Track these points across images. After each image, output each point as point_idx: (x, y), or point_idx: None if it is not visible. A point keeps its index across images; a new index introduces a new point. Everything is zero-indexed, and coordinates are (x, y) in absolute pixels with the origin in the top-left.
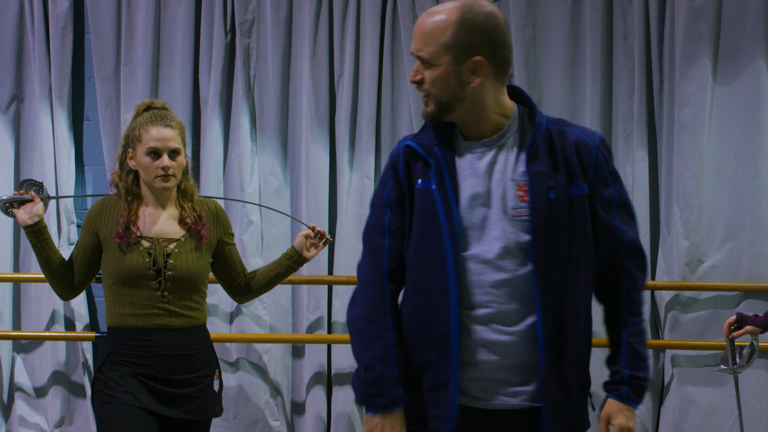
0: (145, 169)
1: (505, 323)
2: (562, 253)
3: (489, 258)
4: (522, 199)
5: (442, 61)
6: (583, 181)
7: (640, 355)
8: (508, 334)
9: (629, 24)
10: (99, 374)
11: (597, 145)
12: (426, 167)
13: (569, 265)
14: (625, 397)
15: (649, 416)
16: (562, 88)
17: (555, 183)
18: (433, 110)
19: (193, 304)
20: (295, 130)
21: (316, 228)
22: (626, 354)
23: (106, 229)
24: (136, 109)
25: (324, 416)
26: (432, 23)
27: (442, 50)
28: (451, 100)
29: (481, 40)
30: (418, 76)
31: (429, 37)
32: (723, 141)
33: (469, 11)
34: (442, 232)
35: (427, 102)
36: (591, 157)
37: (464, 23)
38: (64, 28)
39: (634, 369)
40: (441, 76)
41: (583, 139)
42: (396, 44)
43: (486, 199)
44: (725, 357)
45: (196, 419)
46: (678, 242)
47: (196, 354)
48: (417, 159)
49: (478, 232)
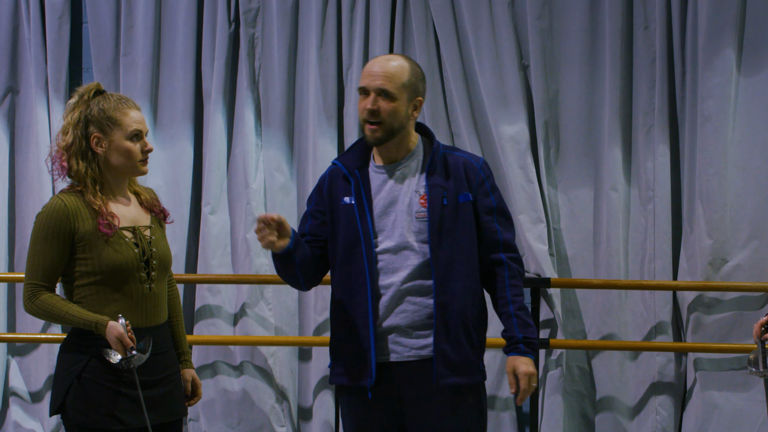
0: (125, 153)
1: (409, 295)
2: (451, 242)
3: (396, 249)
4: (423, 205)
5: (400, 97)
6: (468, 191)
7: (527, 323)
8: (412, 303)
9: (650, 13)
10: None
11: (480, 165)
12: (347, 185)
13: (455, 251)
14: (523, 352)
15: (671, 422)
16: (580, 80)
17: (447, 192)
18: (382, 135)
19: (165, 294)
20: (302, 124)
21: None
22: (517, 323)
23: (84, 227)
24: (84, 93)
25: (332, 422)
26: (395, 67)
27: (402, 88)
28: (398, 129)
29: (422, 86)
30: (376, 105)
31: (393, 76)
32: (748, 135)
33: (415, 63)
34: (360, 234)
35: (376, 129)
36: (476, 175)
37: (415, 71)
38: (60, 18)
39: (525, 332)
40: (397, 109)
41: (470, 161)
42: (407, 34)
43: (395, 206)
44: (755, 359)
45: (173, 420)
46: (701, 241)
47: (169, 350)
48: (339, 179)
49: (389, 232)
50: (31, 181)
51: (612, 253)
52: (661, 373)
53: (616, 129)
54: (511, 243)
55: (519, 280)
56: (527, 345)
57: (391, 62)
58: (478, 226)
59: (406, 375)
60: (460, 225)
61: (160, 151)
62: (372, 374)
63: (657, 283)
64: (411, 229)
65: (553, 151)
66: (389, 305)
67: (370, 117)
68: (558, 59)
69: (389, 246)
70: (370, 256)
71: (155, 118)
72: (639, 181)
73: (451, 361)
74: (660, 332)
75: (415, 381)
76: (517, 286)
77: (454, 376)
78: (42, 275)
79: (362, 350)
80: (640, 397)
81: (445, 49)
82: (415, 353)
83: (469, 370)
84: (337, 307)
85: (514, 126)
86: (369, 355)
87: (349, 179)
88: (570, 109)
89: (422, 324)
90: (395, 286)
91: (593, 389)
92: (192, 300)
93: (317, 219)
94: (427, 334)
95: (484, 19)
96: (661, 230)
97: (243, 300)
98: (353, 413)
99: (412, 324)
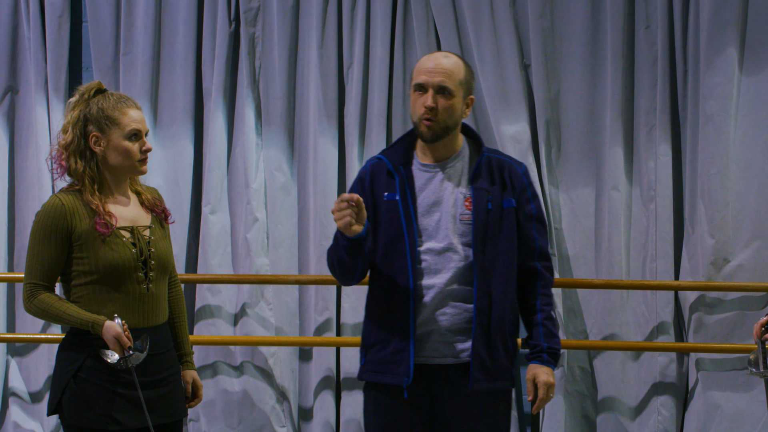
0: (124, 153)
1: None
2: (493, 247)
3: (440, 250)
4: (468, 208)
5: (457, 95)
6: (512, 197)
7: (553, 333)
8: (453, 306)
9: (652, 12)
10: (73, 383)
11: (523, 171)
12: (391, 180)
13: (498, 257)
14: (546, 361)
15: (673, 422)
16: (582, 79)
17: (492, 197)
18: (438, 132)
19: (165, 295)
20: (303, 123)
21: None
22: (543, 332)
23: (82, 225)
24: (84, 92)
25: (332, 422)
26: (452, 64)
27: (459, 86)
28: (452, 127)
29: (473, 84)
30: (434, 102)
31: (451, 74)
32: (750, 134)
33: (466, 62)
34: (404, 232)
35: (432, 125)
36: (519, 181)
37: (469, 69)
38: (60, 17)
39: (550, 342)
40: (454, 106)
41: (514, 166)
42: (408, 33)
43: (440, 207)
44: (755, 360)
45: (172, 421)
46: (703, 240)
47: (169, 350)
48: (382, 174)
49: (433, 232)
50: (30, 181)
51: (613, 253)
52: (663, 374)
53: (618, 128)
54: (546, 251)
55: (550, 290)
56: (551, 355)
57: (448, 59)
58: (518, 231)
59: (442, 378)
60: (503, 230)
61: (160, 151)
62: (410, 374)
63: (659, 283)
64: (455, 231)
65: (554, 151)
66: (430, 307)
67: (428, 114)
68: (559, 58)
69: (434, 246)
70: (413, 255)
71: (155, 117)
72: (640, 180)
73: (486, 367)
74: (662, 332)
75: (450, 384)
76: (547, 296)
77: (489, 381)
78: (41, 275)
79: (400, 349)
80: (642, 398)
81: (446, 49)
82: (452, 357)
83: (503, 376)
84: (375, 304)
85: (515, 125)
86: (407, 354)
87: (393, 175)
88: (571, 108)
89: (461, 328)
90: (437, 288)
91: (594, 389)
92: (192, 300)
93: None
94: (464, 338)
95: (485, 18)
96: (663, 230)
97: (243, 300)
98: (383, 412)
99: (451, 327)
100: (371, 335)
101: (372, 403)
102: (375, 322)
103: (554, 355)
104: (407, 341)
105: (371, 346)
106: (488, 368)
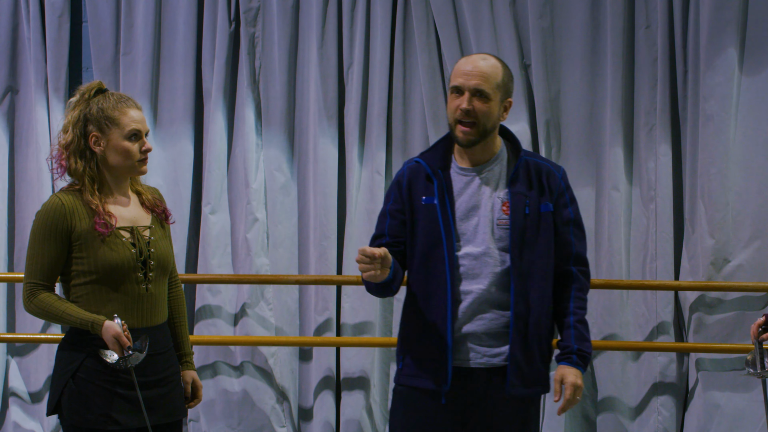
0: (123, 153)
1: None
2: (530, 252)
3: (478, 255)
4: (505, 212)
5: (494, 98)
6: (549, 201)
7: (585, 337)
8: (490, 312)
9: (652, 12)
10: (72, 383)
11: (561, 175)
12: (429, 184)
13: (537, 261)
14: (575, 363)
15: (673, 422)
16: (582, 79)
17: (529, 201)
18: (474, 137)
19: (165, 295)
20: (303, 124)
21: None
22: (574, 335)
23: (81, 225)
24: (85, 92)
25: (332, 422)
26: (490, 66)
27: (496, 89)
28: (491, 130)
29: (512, 87)
30: (471, 105)
31: (488, 76)
32: (750, 134)
33: (505, 63)
34: (442, 237)
35: (469, 130)
36: (557, 185)
37: (507, 71)
38: (60, 17)
39: (581, 345)
40: (491, 110)
41: (552, 170)
42: (408, 33)
43: (478, 211)
44: (753, 360)
45: (172, 421)
46: (703, 240)
47: (168, 350)
48: (420, 177)
49: (471, 236)
50: (30, 181)
51: (613, 253)
52: (663, 374)
53: (618, 128)
54: (583, 256)
55: (584, 294)
56: (580, 357)
57: (486, 61)
58: (555, 236)
59: (477, 381)
60: (541, 235)
61: (160, 151)
62: (448, 380)
63: (659, 283)
64: (493, 236)
65: (554, 151)
66: (468, 312)
67: (464, 117)
68: (559, 58)
69: (472, 251)
70: (451, 259)
71: (155, 117)
72: (641, 180)
73: (523, 372)
74: (662, 332)
75: (484, 388)
76: (581, 299)
77: (524, 387)
78: (40, 274)
79: (438, 354)
80: (642, 398)
81: (446, 49)
82: (487, 360)
83: (539, 381)
84: (413, 309)
85: (515, 125)
86: (446, 360)
87: (431, 178)
88: (571, 108)
89: (498, 332)
90: (475, 293)
91: (595, 389)
92: (192, 300)
93: (396, 219)
94: (500, 343)
95: (485, 18)
96: (663, 230)
97: (243, 300)
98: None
99: (488, 332)
100: (408, 339)
101: (405, 406)
102: (412, 326)
103: (584, 358)
104: (445, 346)
105: (408, 350)
106: (525, 373)
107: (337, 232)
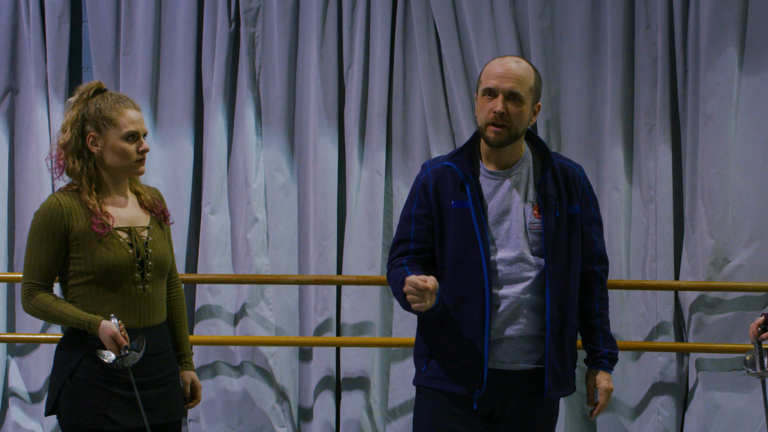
0: (121, 153)
1: (525, 308)
2: (564, 255)
3: (512, 260)
4: (536, 216)
5: (527, 101)
6: (576, 202)
7: (612, 338)
8: (526, 316)
9: (652, 12)
10: (69, 383)
11: (583, 175)
12: (461, 189)
13: (569, 264)
14: (606, 367)
15: (673, 422)
16: (582, 79)
17: (559, 204)
18: (506, 139)
19: (163, 295)
20: (303, 124)
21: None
22: (603, 338)
23: (78, 225)
24: (84, 91)
25: (332, 422)
26: (523, 69)
27: (529, 92)
28: (521, 132)
29: (541, 91)
30: (505, 108)
31: (522, 80)
32: (750, 134)
33: (535, 68)
34: (478, 241)
35: (501, 131)
36: (580, 185)
37: (538, 75)
38: (60, 17)
39: (610, 348)
40: (523, 113)
41: (575, 170)
42: (408, 33)
43: (509, 215)
44: (752, 360)
45: (170, 421)
46: (703, 240)
47: (167, 350)
48: (447, 180)
49: (504, 241)
50: (30, 181)
51: (613, 253)
52: (663, 374)
53: (618, 128)
54: (605, 255)
55: (607, 293)
56: (611, 361)
57: (519, 64)
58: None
59: (510, 385)
60: (572, 237)
61: (160, 151)
62: (483, 386)
63: (659, 283)
64: (526, 240)
65: (554, 151)
66: (504, 316)
67: (497, 120)
68: (559, 58)
69: (506, 256)
70: (489, 264)
71: (155, 117)
72: (641, 180)
73: (557, 375)
74: (662, 332)
75: (519, 391)
76: (605, 299)
77: (558, 389)
78: (38, 275)
79: (473, 359)
80: (642, 398)
81: (446, 49)
82: (522, 365)
83: (569, 382)
84: (443, 311)
85: None
86: (482, 365)
87: (462, 182)
88: (571, 108)
89: (533, 336)
90: (512, 298)
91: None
92: (192, 300)
93: (423, 224)
94: (533, 347)
95: (485, 18)
96: (663, 230)
97: (243, 300)
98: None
99: (523, 335)
100: (434, 341)
101: (429, 408)
102: (439, 329)
103: (614, 361)
104: (482, 351)
105: (435, 353)
106: (559, 376)
107: (337, 232)
